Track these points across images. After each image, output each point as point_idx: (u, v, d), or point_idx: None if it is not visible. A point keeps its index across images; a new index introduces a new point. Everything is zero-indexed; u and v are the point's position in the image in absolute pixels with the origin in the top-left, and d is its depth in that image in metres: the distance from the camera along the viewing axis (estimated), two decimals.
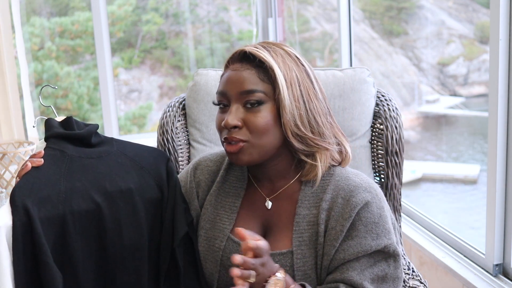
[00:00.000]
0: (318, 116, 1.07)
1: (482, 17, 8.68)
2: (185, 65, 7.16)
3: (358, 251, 1.05)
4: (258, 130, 1.05)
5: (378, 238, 1.05)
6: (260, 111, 1.05)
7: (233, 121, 1.04)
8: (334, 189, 1.09)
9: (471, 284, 1.75)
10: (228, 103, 1.07)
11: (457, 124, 8.22)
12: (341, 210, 1.07)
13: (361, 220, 1.06)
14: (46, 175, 1.04)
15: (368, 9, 8.95)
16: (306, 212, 1.10)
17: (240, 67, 1.07)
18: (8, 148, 2.18)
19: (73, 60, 6.85)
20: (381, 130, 1.41)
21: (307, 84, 1.07)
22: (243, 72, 1.06)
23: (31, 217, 0.97)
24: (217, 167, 1.23)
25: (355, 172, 1.13)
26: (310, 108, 1.06)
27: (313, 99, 1.07)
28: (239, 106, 1.06)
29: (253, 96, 1.04)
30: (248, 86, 1.05)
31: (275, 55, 1.06)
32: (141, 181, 1.13)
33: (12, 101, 2.44)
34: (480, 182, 6.78)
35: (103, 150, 1.13)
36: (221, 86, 1.09)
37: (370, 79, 1.43)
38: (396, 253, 1.07)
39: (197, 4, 7.11)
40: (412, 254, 2.13)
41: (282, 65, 1.06)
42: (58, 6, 6.98)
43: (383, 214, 1.07)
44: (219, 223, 1.17)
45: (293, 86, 1.05)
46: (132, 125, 6.82)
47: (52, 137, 1.09)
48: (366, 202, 1.06)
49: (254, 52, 1.06)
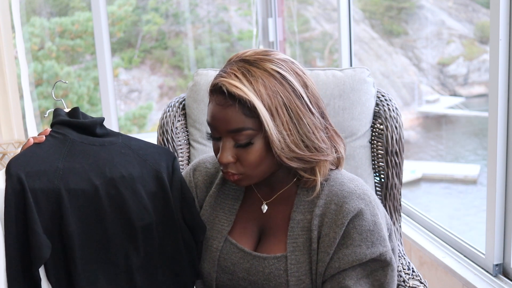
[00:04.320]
0: (312, 134, 1.05)
1: (482, 17, 8.68)
2: (185, 65, 7.16)
3: (353, 260, 1.04)
4: (251, 164, 1.04)
5: (373, 246, 1.04)
6: (251, 147, 1.03)
7: (227, 158, 1.04)
8: (328, 194, 1.09)
9: (471, 284, 1.75)
10: (219, 135, 1.06)
11: (457, 124, 8.22)
12: (334, 216, 1.06)
13: (356, 228, 1.05)
14: (46, 152, 1.06)
15: (368, 9, 8.95)
16: (301, 217, 1.10)
17: (224, 102, 1.02)
18: (8, 148, 2.18)
19: (73, 60, 6.85)
20: (381, 130, 1.41)
21: (295, 104, 1.03)
22: (227, 109, 1.02)
23: (24, 187, 0.99)
24: (215, 169, 1.24)
25: (350, 177, 1.12)
26: (301, 128, 1.04)
27: (304, 118, 1.04)
28: (230, 141, 1.05)
29: (241, 135, 1.02)
30: (234, 125, 1.02)
31: (255, 82, 1.01)
32: (143, 172, 1.13)
33: (12, 101, 2.44)
34: (480, 182, 6.78)
35: (107, 140, 1.14)
36: (210, 119, 1.06)
37: (370, 79, 1.43)
38: (392, 261, 1.06)
39: (197, 4, 7.10)
40: (412, 254, 2.13)
41: (264, 92, 1.01)
42: (58, 6, 6.98)
43: (377, 221, 1.06)
44: (218, 224, 1.17)
45: (279, 114, 1.02)
46: (132, 125, 6.83)
47: (57, 123, 1.11)
48: (360, 210, 1.05)
49: (232, 90, 1.01)
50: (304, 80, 1.07)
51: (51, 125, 1.13)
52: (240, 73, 1.02)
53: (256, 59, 1.04)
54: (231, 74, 1.03)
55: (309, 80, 1.08)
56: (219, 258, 1.14)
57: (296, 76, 1.05)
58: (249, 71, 1.02)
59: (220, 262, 1.14)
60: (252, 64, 1.03)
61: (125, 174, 1.11)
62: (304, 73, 1.08)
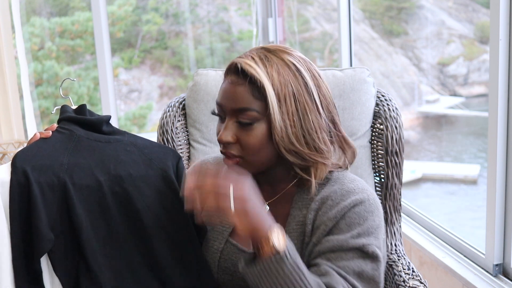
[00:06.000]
0: (314, 132, 1.05)
1: (482, 17, 8.69)
2: (185, 65, 7.16)
3: (334, 245, 1.03)
4: (251, 148, 1.05)
5: (358, 238, 1.03)
6: (253, 129, 1.04)
7: (226, 137, 1.05)
8: (326, 191, 1.09)
9: (471, 284, 1.75)
10: (224, 115, 1.07)
11: (457, 124, 8.22)
12: (328, 211, 1.06)
13: (345, 219, 1.04)
14: (52, 147, 1.07)
15: (368, 9, 8.95)
16: (297, 213, 1.10)
17: (236, 80, 1.05)
18: (8, 148, 2.18)
19: (73, 60, 6.85)
20: (381, 130, 1.41)
21: (303, 99, 1.05)
22: (238, 87, 1.04)
23: (29, 180, 0.99)
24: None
25: (352, 177, 1.12)
26: (305, 123, 1.05)
27: (310, 114, 1.05)
28: (233, 121, 1.06)
29: (246, 115, 1.04)
30: (240, 104, 1.04)
31: (270, 67, 1.04)
32: (147, 170, 1.14)
33: (12, 101, 2.44)
34: (480, 182, 6.78)
35: (113, 138, 1.14)
36: (219, 98, 1.08)
37: (370, 79, 1.43)
38: (374, 255, 1.04)
39: (197, 4, 7.11)
40: (412, 254, 2.13)
41: (277, 79, 1.03)
42: (58, 6, 6.98)
43: (370, 218, 1.05)
44: (219, 226, 1.17)
45: (287, 102, 1.03)
46: (132, 125, 6.83)
47: (64, 120, 1.12)
48: (354, 204, 1.05)
49: (246, 68, 1.04)
50: (319, 81, 1.09)
51: (58, 121, 1.14)
52: (257, 56, 1.05)
53: (276, 49, 1.07)
54: (249, 56, 1.06)
55: (324, 84, 1.10)
56: (219, 259, 1.15)
57: (311, 75, 1.07)
58: (266, 57, 1.05)
59: (221, 264, 1.14)
60: (271, 52, 1.07)
61: (131, 172, 1.11)
62: (320, 76, 1.10)
